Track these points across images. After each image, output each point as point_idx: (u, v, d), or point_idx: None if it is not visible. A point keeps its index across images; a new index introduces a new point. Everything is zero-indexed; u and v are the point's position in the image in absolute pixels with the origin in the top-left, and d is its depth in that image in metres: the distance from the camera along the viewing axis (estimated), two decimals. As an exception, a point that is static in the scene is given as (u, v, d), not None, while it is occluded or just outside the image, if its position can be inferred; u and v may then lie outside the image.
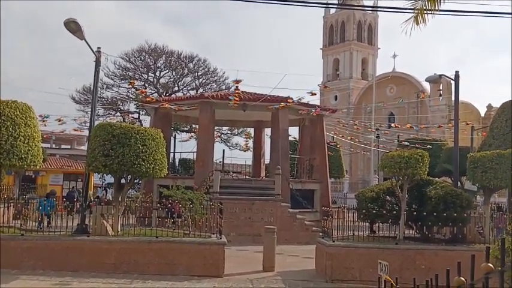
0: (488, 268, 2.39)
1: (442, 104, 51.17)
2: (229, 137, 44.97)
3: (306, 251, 16.89)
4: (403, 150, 15.16)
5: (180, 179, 21.56)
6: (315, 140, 26.29)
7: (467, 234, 14.58)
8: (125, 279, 12.18)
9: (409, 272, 11.94)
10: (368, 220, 15.37)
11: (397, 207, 14.29)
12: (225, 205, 16.93)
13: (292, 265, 15.33)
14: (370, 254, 12.87)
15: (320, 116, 25.68)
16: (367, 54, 67.63)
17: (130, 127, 13.75)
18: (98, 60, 15.18)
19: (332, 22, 68.94)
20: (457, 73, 16.95)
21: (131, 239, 13.29)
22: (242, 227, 19.82)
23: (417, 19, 6.06)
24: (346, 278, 13.00)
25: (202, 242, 13.31)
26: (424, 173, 14.22)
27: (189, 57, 44.85)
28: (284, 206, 20.74)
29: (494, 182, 13.88)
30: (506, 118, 20.94)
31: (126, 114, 38.21)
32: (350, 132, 37.61)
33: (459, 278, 2.75)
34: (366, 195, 15.00)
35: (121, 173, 13.41)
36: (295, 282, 12.84)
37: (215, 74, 45.41)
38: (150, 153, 13.37)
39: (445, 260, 12.27)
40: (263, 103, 22.86)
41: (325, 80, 66.03)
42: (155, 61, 44.37)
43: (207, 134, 23.90)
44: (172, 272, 12.84)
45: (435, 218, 13.74)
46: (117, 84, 43.13)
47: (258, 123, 29.28)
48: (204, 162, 22.95)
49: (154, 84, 44.38)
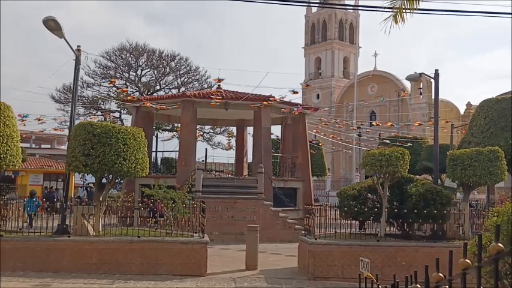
0: (466, 264, 2.42)
1: (423, 102, 51.79)
2: (212, 135, 44.91)
3: (288, 249, 16.95)
4: (384, 148, 15.29)
5: (162, 178, 21.45)
6: (297, 138, 26.38)
7: (447, 230, 14.78)
8: (107, 280, 12.08)
9: (390, 268, 12.06)
10: (350, 218, 15.47)
11: (378, 204, 14.40)
12: (207, 204, 16.88)
13: (275, 263, 15.37)
14: (352, 251, 12.97)
15: (302, 114, 25.77)
16: (349, 53, 68.08)
17: (111, 126, 13.63)
18: (78, 59, 15.01)
19: (314, 21, 69.25)
20: (437, 72, 17.16)
21: (113, 239, 13.17)
22: (225, 225, 19.80)
23: (396, 18, 6.12)
24: (328, 275, 13.08)
25: (184, 241, 13.26)
26: (405, 170, 14.36)
27: (171, 55, 44.65)
28: (267, 205, 20.77)
29: (473, 179, 14.08)
30: (485, 116, 21.30)
31: (107, 114, 37.84)
32: (332, 130, 37.79)
33: (437, 274, 2.79)
34: (347, 193, 15.09)
35: (102, 172, 13.29)
36: (278, 281, 12.86)
37: (197, 73, 45.31)
38: (131, 153, 13.27)
39: (425, 257, 12.42)
40: (245, 102, 22.85)
41: (308, 79, 66.30)
42: (136, 60, 44.06)
43: (189, 133, 23.82)
44: (155, 272, 12.78)
45: (416, 215, 13.88)
46: (98, 83, 42.76)
47: (241, 122, 29.27)
48: (187, 161, 22.87)
49: (135, 83, 44.06)
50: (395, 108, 56.04)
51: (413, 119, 49.11)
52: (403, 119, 51.16)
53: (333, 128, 37.08)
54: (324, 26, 67.96)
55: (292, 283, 12.61)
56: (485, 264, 2.48)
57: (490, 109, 21.21)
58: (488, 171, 14.04)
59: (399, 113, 53.95)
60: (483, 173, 13.99)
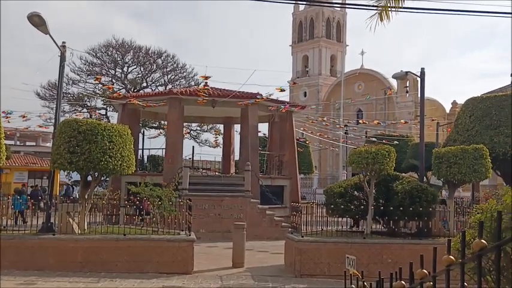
0: (450, 260, 2.43)
1: (409, 100, 52.10)
2: (199, 133, 44.80)
3: (275, 247, 16.97)
4: (371, 146, 15.36)
5: (148, 176, 21.36)
6: (284, 136, 26.42)
7: (433, 228, 14.90)
8: (92, 278, 11.99)
9: (376, 265, 12.12)
10: (337, 215, 15.50)
11: (364, 202, 14.47)
12: (194, 202, 16.83)
13: (261, 261, 15.38)
14: (338, 248, 13.01)
15: (289, 112, 25.81)
16: (336, 51, 68.22)
17: (97, 123, 13.52)
18: (63, 55, 14.87)
19: (301, 19, 69.32)
20: (423, 70, 17.29)
21: (98, 237, 13.08)
22: (212, 223, 19.76)
23: (381, 15, 6.14)
24: (315, 272, 13.11)
25: (171, 239, 13.21)
26: (391, 168, 14.44)
27: (158, 52, 44.42)
28: (254, 202, 20.78)
29: (459, 176, 14.22)
30: (470, 114, 21.53)
31: (93, 111, 37.57)
32: (319, 128, 37.92)
33: (422, 271, 2.80)
34: (334, 191, 15.14)
35: (87, 170, 13.18)
36: (265, 278, 12.87)
37: (184, 70, 45.11)
38: (117, 150, 13.17)
39: (411, 254, 12.49)
40: (232, 99, 22.82)
41: (295, 77, 66.35)
42: (123, 56, 43.75)
43: (176, 130, 23.73)
44: (141, 270, 12.70)
45: (401, 212, 13.98)
46: (83, 80, 42.39)
47: (228, 119, 29.23)
48: (173, 158, 22.79)
49: (122, 80, 43.75)
50: (382, 107, 56.34)
51: (399, 117, 49.45)
52: (390, 117, 51.47)
53: (320, 126, 37.20)
54: (311, 24, 68.05)
55: (278, 280, 12.62)
56: (469, 261, 2.49)
57: (475, 108, 21.43)
58: (473, 169, 14.18)
59: (386, 111, 54.26)
60: (468, 170, 14.14)
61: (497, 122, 20.07)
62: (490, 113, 20.48)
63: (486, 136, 19.80)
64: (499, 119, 20.04)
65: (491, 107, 20.61)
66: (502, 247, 2.33)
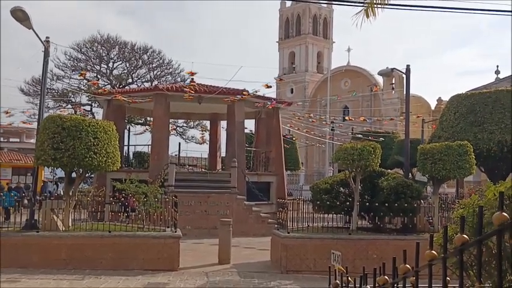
0: (432, 255, 2.44)
1: (395, 97, 52.41)
2: (185, 129, 44.61)
3: (261, 243, 16.98)
4: (356, 143, 15.42)
5: (134, 173, 21.21)
6: (270, 132, 26.42)
7: (418, 223, 15.03)
8: (77, 275, 11.90)
9: (361, 261, 12.18)
10: (323, 211, 15.54)
11: (350, 198, 14.54)
12: (180, 198, 16.76)
13: (247, 257, 15.38)
14: (324, 244, 13.06)
15: (276, 108, 25.81)
16: (323, 48, 68.40)
17: (81, 119, 13.40)
18: (47, 51, 14.71)
19: (288, 15, 69.35)
20: (408, 67, 17.40)
21: (83, 234, 12.98)
22: (198, 220, 19.71)
23: (367, 12, 6.16)
24: (301, 268, 13.16)
25: (156, 235, 13.15)
26: (376, 164, 14.51)
27: (143, 48, 44.09)
28: (240, 199, 20.77)
29: (443, 173, 14.32)
30: (455, 111, 21.70)
31: (78, 107, 37.17)
32: (306, 125, 38.02)
33: (404, 266, 2.81)
34: (320, 187, 15.18)
35: (71, 166, 13.05)
36: (251, 274, 12.88)
37: (170, 66, 44.87)
38: (102, 146, 13.07)
39: (396, 249, 12.54)
40: (219, 96, 22.74)
41: (281, 73, 66.41)
42: (108, 52, 43.35)
43: (162, 126, 23.60)
44: (126, 267, 12.64)
45: (387, 208, 14.07)
46: (68, 76, 41.91)
47: (214, 115, 29.15)
48: (159, 155, 22.66)
49: (107, 76, 43.38)
50: (368, 103, 56.63)
51: (385, 113, 49.80)
52: (376, 113, 51.75)
53: (306, 123, 37.30)
54: (298, 20, 68.11)
55: (264, 277, 12.64)
56: (451, 255, 2.51)
57: (459, 104, 21.60)
58: (457, 165, 14.30)
59: (372, 108, 54.56)
60: (452, 167, 14.25)
61: (481, 118, 20.25)
62: (474, 110, 20.66)
63: (470, 133, 19.97)
64: (483, 116, 20.23)
65: (476, 104, 20.79)
66: (483, 242, 2.34)
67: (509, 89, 21.77)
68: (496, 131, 19.55)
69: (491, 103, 20.33)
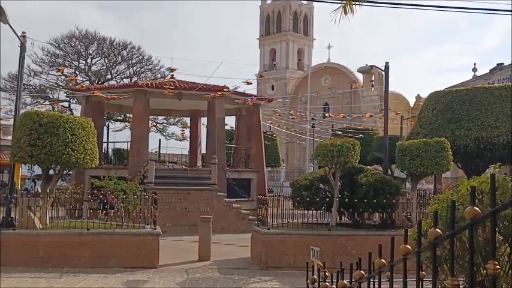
0: (406, 250, 2.47)
1: (374, 94, 52.84)
2: (165, 126, 44.29)
3: (242, 240, 16.99)
4: (336, 139, 15.51)
5: (113, 169, 21.04)
6: (251, 129, 26.41)
7: (396, 219, 15.20)
8: (54, 273, 11.76)
9: (341, 257, 12.25)
10: (303, 207, 15.59)
11: (330, 194, 14.62)
12: (160, 195, 16.67)
13: (228, 254, 15.38)
14: (304, 240, 13.11)
15: (256, 105, 25.81)
16: (303, 45, 68.61)
17: (59, 116, 13.22)
18: (23, 46, 14.47)
19: (268, 12, 69.35)
20: (387, 64, 17.56)
21: (60, 232, 12.82)
22: (178, 217, 19.63)
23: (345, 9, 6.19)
24: (280, 264, 13.20)
25: (135, 233, 13.06)
26: (356, 161, 14.60)
27: (123, 44, 43.59)
28: (220, 196, 20.74)
29: (421, 169, 14.51)
30: (433, 108, 21.96)
31: (56, 103, 36.66)
32: (286, 121, 38.12)
33: (380, 260, 2.84)
34: (300, 183, 15.25)
35: (49, 163, 12.87)
36: (231, 271, 12.88)
37: (150, 62, 44.46)
38: (80, 143, 12.92)
39: (374, 245, 12.49)
40: (199, 92, 22.64)
41: (262, 70, 66.39)
42: (86, 48, 42.77)
43: (142, 123, 23.41)
44: (105, 265, 12.52)
45: (366, 204, 14.20)
46: (45, 72, 41.23)
47: (194, 112, 29.02)
48: (139, 152, 22.48)
49: (85, 72, 42.82)
50: (348, 100, 57.03)
51: (365, 110, 50.17)
52: (356, 110, 52.10)
53: (287, 119, 37.42)
54: (279, 17, 68.16)
55: (244, 273, 12.65)
56: (424, 250, 2.54)
57: (437, 101, 21.85)
58: (435, 162, 14.49)
59: (352, 105, 54.94)
60: (430, 163, 14.44)
61: (458, 115, 20.52)
62: (451, 107, 20.92)
63: (448, 129, 20.23)
64: (461, 113, 20.51)
65: (453, 101, 21.05)
66: (456, 236, 2.38)
67: (485, 87, 22.13)
68: (473, 127, 19.85)
69: (468, 100, 20.62)
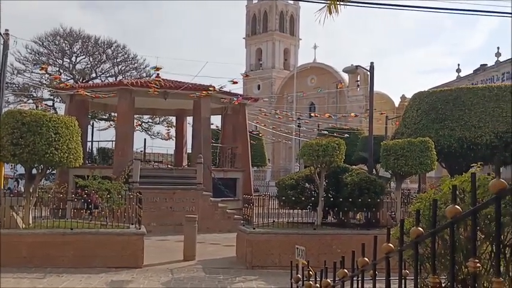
0: (389, 248, 2.49)
1: (360, 94, 53.12)
2: (151, 125, 44.07)
3: (227, 239, 16.97)
4: (322, 139, 15.56)
5: (97, 169, 20.84)
6: (237, 128, 26.39)
7: (381, 218, 15.29)
8: (38, 274, 11.63)
9: (325, 256, 12.26)
10: (288, 207, 15.62)
11: (315, 193, 14.67)
12: (145, 195, 16.59)
13: (213, 253, 15.35)
14: (289, 240, 13.13)
15: (242, 104, 25.80)
16: (289, 45, 68.75)
17: (42, 114, 13.07)
18: (6, 44, 14.30)
19: (255, 12, 69.35)
20: (372, 64, 17.67)
21: (44, 232, 12.68)
22: (163, 216, 19.54)
23: (330, 9, 6.22)
24: (266, 264, 13.21)
25: (120, 232, 12.97)
26: (341, 160, 14.67)
27: (108, 42, 43.27)
28: (206, 195, 20.69)
29: (405, 168, 14.60)
30: (417, 108, 22.15)
31: (39, 102, 36.27)
32: (272, 121, 38.17)
33: (363, 259, 2.85)
34: (285, 183, 15.27)
35: (32, 162, 12.72)
36: (216, 270, 12.85)
37: (135, 61, 44.21)
38: (63, 142, 12.78)
39: (359, 244, 12.63)
40: (185, 91, 22.57)
41: (249, 70, 66.40)
42: (71, 46, 42.37)
43: (127, 122, 23.25)
44: (89, 265, 12.41)
45: (351, 203, 14.26)
46: (29, 70, 40.78)
47: (180, 111, 28.91)
48: (124, 151, 22.34)
49: (70, 70, 42.40)
50: (334, 100, 57.25)
51: (350, 110, 50.42)
52: (341, 110, 52.34)
53: (273, 119, 37.46)
54: (265, 17, 68.20)
55: (230, 272, 12.63)
56: (406, 248, 2.56)
57: (421, 102, 22.04)
58: (419, 161, 14.59)
59: (337, 105, 55.17)
60: (414, 162, 14.53)
61: (442, 115, 20.72)
62: (436, 107, 21.11)
63: (432, 129, 20.41)
64: (444, 113, 20.70)
65: (437, 101, 21.25)
66: (438, 234, 2.40)
67: (469, 87, 22.38)
68: (457, 128, 20.05)
69: (452, 101, 20.83)
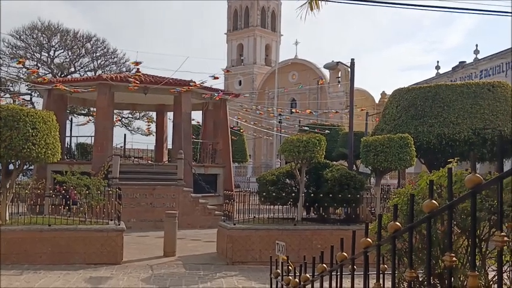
0: (367, 243, 2.49)
1: (340, 90, 53.44)
2: (131, 121, 43.63)
3: (208, 235, 16.94)
4: (302, 135, 15.59)
5: (76, 164, 20.63)
6: (218, 124, 26.30)
7: (360, 214, 15.42)
8: (15, 270, 11.46)
9: (306, 251, 12.36)
10: (269, 203, 15.62)
11: (296, 189, 14.71)
12: (125, 191, 16.44)
13: (193, 249, 15.30)
14: (270, 235, 13.17)
15: (223, 100, 25.71)
16: (271, 41, 68.74)
17: (19, 109, 12.84)
18: (-19, 36, 13.98)
19: (236, 7, 69.16)
20: (353, 61, 17.75)
21: (21, 228, 12.48)
22: (143, 212, 19.41)
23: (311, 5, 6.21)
24: (246, 259, 13.22)
25: (99, 229, 12.84)
26: (321, 156, 14.73)
27: (87, 36, 42.62)
28: (186, 191, 20.59)
29: (385, 164, 14.73)
30: (397, 105, 22.37)
31: (16, 96, 35.60)
32: (253, 117, 38.15)
33: (341, 254, 2.86)
34: (266, 179, 15.28)
35: (8, 158, 12.49)
36: (196, 266, 12.82)
37: (115, 56, 43.65)
38: (41, 137, 12.59)
39: (339, 239, 12.84)
40: (165, 86, 22.39)
41: (230, 65, 66.23)
42: (49, 40, 41.66)
43: (106, 117, 22.98)
44: (67, 261, 12.28)
45: (331, 199, 14.34)
46: (6, 64, 40.03)
47: (160, 107, 28.71)
48: (103, 146, 22.09)
49: (48, 65, 41.73)
50: (315, 96, 57.47)
51: (331, 106, 50.68)
52: (322, 106, 52.59)
53: (254, 115, 37.43)
54: (247, 12, 68.07)
55: (210, 268, 12.61)
56: (384, 243, 2.57)
57: (401, 98, 22.26)
58: (398, 157, 14.73)
59: (318, 101, 55.40)
60: (394, 158, 14.67)
61: (421, 112, 20.96)
62: (415, 103, 21.35)
63: (411, 126, 20.63)
64: (424, 110, 20.95)
65: (417, 97, 21.48)
66: (416, 229, 2.41)
67: (448, 84, 22.67)
68: (436, 124, 20.31)
69: (431, 97, 21.08)
